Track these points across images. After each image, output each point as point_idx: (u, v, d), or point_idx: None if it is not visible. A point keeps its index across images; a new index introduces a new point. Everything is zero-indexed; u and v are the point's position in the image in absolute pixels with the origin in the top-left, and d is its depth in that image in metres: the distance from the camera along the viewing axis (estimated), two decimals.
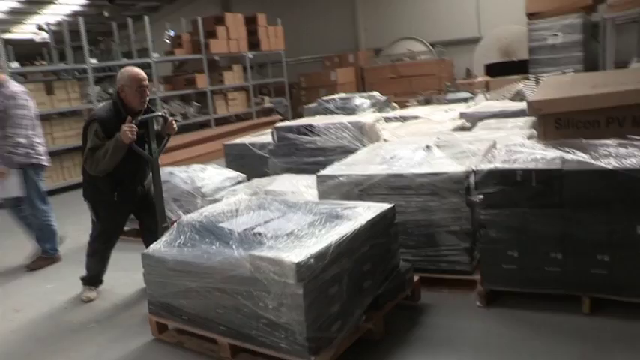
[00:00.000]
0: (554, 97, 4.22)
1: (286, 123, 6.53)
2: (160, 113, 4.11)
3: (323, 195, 4.13)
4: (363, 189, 3.96)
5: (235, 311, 3.00)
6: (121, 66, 11.57)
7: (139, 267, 4.45)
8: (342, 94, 9.53)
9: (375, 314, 3.20)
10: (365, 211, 3.27)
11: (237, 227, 3.19)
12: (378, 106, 8.92)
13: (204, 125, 11.88)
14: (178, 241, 3.31)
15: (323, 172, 4.20)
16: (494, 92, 9.76)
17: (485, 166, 3.42)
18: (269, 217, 3.32)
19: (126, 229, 5.96)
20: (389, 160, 4.19)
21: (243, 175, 6.00)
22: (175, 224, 3.50)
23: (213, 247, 3.10)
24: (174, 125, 4.15)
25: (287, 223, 3.19)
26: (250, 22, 12.78)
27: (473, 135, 5.25)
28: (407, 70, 13.27)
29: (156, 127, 4.08)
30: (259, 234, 3.05)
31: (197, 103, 11.78)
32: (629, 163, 3.11)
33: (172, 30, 13.03)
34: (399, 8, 14.52)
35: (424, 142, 4.45)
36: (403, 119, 7.40)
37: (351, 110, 8.48)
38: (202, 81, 11.59)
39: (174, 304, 3.33)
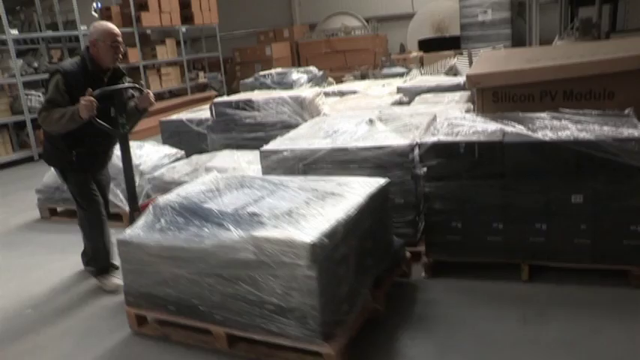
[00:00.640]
0: (491, 71, 4.33)
1: (225, 98, 6.41)
2: (133, 84, 3.87)
3: (267, 170, 4.08)
4: (307, 163, 3.94)
5: (234, 298, 2.78)
6: (45, 39, 11.07)
7: (74, 249, 4.29)
8: (279, 69, 9.45)
9: (377, 292, 3.07)
10: (362, 186, 3.13)
11: (225, 207, 2.96)
12: (315, 81, 8.92)
13: None
14: (159, 225, 3.03)
15: (266, 147, 4.14)
16: (428, 67, 9.96)
17: (429, 139, 3.47)
18: (257, 196, 3.11)
19: (59, 209, 5.75)
20: (332, 134, 4.18)
21: (182, 152, 5.86)
22: (150, 206, 3.21)
23: (205, 229, 2.84)
24: (152, 97, 3.87)
25: (280, 201, 2.98)
26: None
27: (412, 109, 5.32)
28: (342, 45, 13.29)
29: (133, 102, 3.84)
30: (255, 214, 2.82)
31: (129, 79, 11.35)
32: (564, 134, 3.23)
33: (99, 2, 12.46)
34: None
35: (366, 115, 4.47)
36: (342, 94, 7.42)
37: (288, 85, 8.44)
38: (134, 56, 11.18)
39: (158, 294, 3.06)
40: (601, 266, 3.29)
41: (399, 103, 6.20)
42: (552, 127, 3.38)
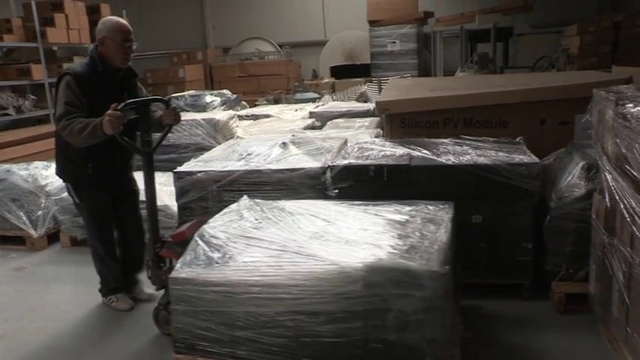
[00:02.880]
0: (398, 98, 4.58)
1: None
2: (158, 97, 3.63)
3: (180, 191, 4.07)
4: (221, 185, 3.97)
5: (330, 337, 2.42)
6: None
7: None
8: (192, 92, 9.40)
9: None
10: (437, 210, 2.94)
11: (300, 235, 2.66)
12: (229, 105, 8.94)
13: (41, 120, 10.97)
14: (220, 259, 2.62)
15: (180, 169, 4.13)
16: (339, 93, 10.26)
17: (341, 162, 3.62)
18: (324, 222, 2.81)
19: None
20: (246, 157, 4.23)
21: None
22: (196, 237, 2.80)
23: (298, 262, 2.47)
24: (178, 113, 3.56)
25: (360, 228, 2.71)
26: (93, 12, 12.02)
27: (324, 133, 5.48)
28: (255, 69, 13.39)
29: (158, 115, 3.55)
30: (348, 241, 2.55)
31: (33, 96, 10.84)
32: (465, 159, 3.49)
33: None
34: (248, 7, 14.62)
35: (279, 139, 4.57)
36: (255, 117, 7.50)
37: (201, 108, 8.41)
38: (38, 72, 10.68)
39: (224, 339, 2.61)
40: (499, 281, 3.55)
41: (312, 127, 6.36)
42: (454, 152, 3.63)
